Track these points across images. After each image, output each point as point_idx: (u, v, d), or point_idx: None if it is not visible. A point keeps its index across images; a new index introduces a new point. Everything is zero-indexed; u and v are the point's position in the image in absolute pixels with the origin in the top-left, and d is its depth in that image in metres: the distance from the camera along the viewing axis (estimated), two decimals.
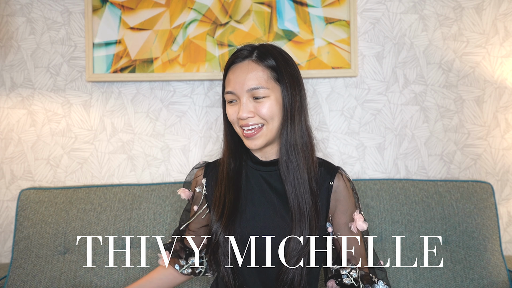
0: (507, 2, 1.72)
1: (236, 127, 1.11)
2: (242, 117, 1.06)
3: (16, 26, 1.74)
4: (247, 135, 1.08)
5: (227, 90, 1.09)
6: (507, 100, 1.73)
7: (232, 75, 1.09)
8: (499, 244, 1.53)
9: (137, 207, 1.57)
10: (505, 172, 1.74)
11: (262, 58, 1.09)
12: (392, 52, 1.73)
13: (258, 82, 1.07)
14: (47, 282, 1.48)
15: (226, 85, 1.11)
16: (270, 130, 1.08)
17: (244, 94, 1.07)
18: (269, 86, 1.07)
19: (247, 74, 1.07)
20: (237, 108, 1.08)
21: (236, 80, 1.08)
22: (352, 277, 1.09)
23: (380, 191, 1.58)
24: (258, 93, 1.06)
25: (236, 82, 1.08)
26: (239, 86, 1.07)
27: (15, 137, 1.74)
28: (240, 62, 1.10)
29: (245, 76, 1.07)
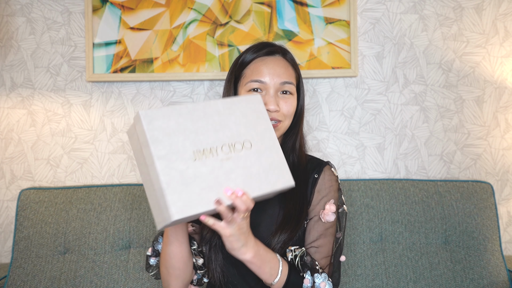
0: (507, 2, 1.72)
1: None
2: (270, 109, 1.08)
3: (16, 26, 1.74)
4: None
5: (256, 79, 1.10)
6: (507, 100, 1.73)
7: (263, 65, 1.12)
8: (499, 244, 1.53)
9: (137, 207, 1.57)
10: (505, 172, 1.74)
11: (289, 56, 1.17)
12: (392, 52, 1.73)
13: (291, 77, 1.13)
14: (47, 282, 1.48)
15: (252, 73, 1.12)
16: (284, 127, 1.13)
17: (276, 86, 1.10)
18: (295, 85, 1.14)
19: (282, 68, 1.12)
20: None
21: (270, 71, 1.11)
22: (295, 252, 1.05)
23: (380, 191, 1.58)
24: (288, 88, 1.11)
25: (269, 73, 1.10)
26: (273, 77, 1.10)
27: (15, 137, 1.74)
28: (271, 55, 1.14)
29: (280, 69, 1.11)
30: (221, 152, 0.89)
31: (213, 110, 0.91)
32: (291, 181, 0.94)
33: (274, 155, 0.94)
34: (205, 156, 0.88)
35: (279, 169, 0.94)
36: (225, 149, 0.89)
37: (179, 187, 0.84)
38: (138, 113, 0.85)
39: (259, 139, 0.93)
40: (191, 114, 0.89)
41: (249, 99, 0.95)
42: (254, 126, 0.93)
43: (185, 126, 0.87)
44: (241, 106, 0.93)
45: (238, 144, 0.91)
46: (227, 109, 0.92)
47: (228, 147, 0.90)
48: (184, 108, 0.88)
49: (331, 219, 1.10)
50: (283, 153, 1.13)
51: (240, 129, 0.92)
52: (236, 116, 0.92)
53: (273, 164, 0.93)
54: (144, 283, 1.49)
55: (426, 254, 1.50)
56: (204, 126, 0.89)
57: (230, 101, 0.93)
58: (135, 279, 1.49)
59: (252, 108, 0.94)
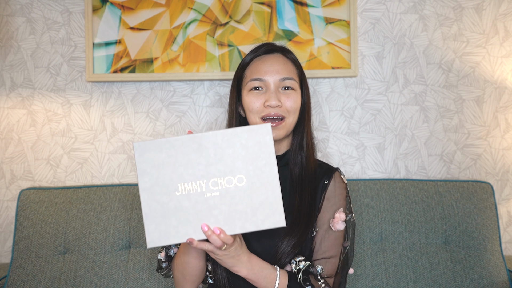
0: (507, 2, 1.72)
1: (256, 117, 1.11)
2: (272, 104, 1.08)
3: (16, 26, 1.74)
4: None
5: (255, 77, 1.11)
6: (507, 100, 1.73)
7: (262, 64, 1.12)
8: (499, 244, 1.53)
9: (137, 207, 1.57)
10: (505, 172, 1.74)
11: (290, 54, 1.17)
12: (392, 52, 1.73)
13: (291, 73, 1.13)
14: (47, 282, 1.48)
15: (251, 73, 1.13)
16: (290, 124, 1.12)
17: (276, 83, 1.10)
18: (297, 81, 1.14)
19: (281, 64, 1.12)
20: (263, 96, 1.11)
21: (269, 68, 1.11)
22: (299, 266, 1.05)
23: (380, 191, 1.58)
24: (289, 83, 1.11)
25: (268, 71, 1.11)
26: (272, 74, 1.10)
27: (15, 137, 1.74)
28: (270, 54, 1.15)
29: (279, 66, 1.12)
30: (208, 187, 0.88)
31: (210, 142, 0.89)
32: (282, 222, 0.90)
33: (269, 192, 0.89)
34: (191, 190, 0.88)
35: (271, 207, 0.90)
36: (213, 184, 0.88)
37: (157, 219, 0.88)
38: (133, 144, 0.89)
39: (256, 174, 0.89)
40: (185, 146, 0.88)
41: (256, 129, 0.90)
42: (253, 160, 0.89)
43: (175, 159, 0.88)
44: (243, 137, 0.89)
45: (230, 179, 0.89)
46: (226, 141, 0.89)
47: (217, 182, 0.88)
48: (179, 140, 0.88)
49: (341, 228, 1.09)
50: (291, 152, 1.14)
51: (236, 163, 0.89)
52: (235, 149, 0.89)
53: (266, 201, 0.89)
54: (144, 283, 1.49)
55: (426, 254, 1.50)
56: (196, 159, 0.88)
57: (231, 132, 0.89)
58: (135, 279, 1.49)
59: (256, 139, 0.89)
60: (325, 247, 1.09)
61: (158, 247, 0.88)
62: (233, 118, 1.17)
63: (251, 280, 1.00)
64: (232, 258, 0.95)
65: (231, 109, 1.18)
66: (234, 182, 0.89)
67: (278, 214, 0.90)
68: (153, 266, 1.50)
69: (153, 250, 1.53)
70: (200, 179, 0.88)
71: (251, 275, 0.98)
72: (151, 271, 1.50)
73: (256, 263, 1.00)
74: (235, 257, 0.95)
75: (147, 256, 1.52)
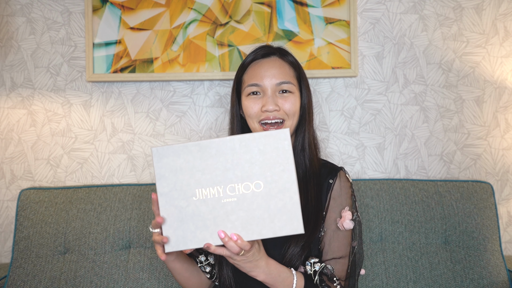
0: (507, 2, 1.72)
1: (254, 121, 1.12)
2: (269, 109, 1.08)
3: (16, 26, 1.74)
4: (268, 129, 1.10)
5: (252, 82, 1.11)
6: (507, 100, 1.73)
7: (258, 68, 1.12)
8: (499, 244, 1.53)
9: (137, 207, 1.57)
10: (505, 172, 1.74)
11: (286, 56, 1.16)
12: (392, 52, 1.73)
13: (287, 77, 1.12)
14: (47, 282, 1.48)
15: (249, 78, 1.13)
16: (290, 127, 1.12)
17: (272, 87, 1.10)
18: (294, 83, 1.13)
19: (277, 68, 1.12)
20: (260, 101, 1.11)
21: (265, 73, 1.11)
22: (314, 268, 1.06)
23: (380, 191, 1.58)
24: (286, 87, 1.11)
25: (264, 76, 1.11)
26: (268, 79, 1.10)
27: (15, 137, 1.74)
28: (266, 57, 1.15)
29: (275, 70, 1.11)
30: (226, 193, 0.88)
31: (227, 147, 0.88)
32: (300, 229, 0.89)
33: (287, 199, 0.88)
34: (208, 195, 0.88)
35: (289, 214, 0.88)
36: (230, 189, 0.88)
37: (175, 224, 0.89)
38: (151, 149, 0.89)
39: (274, 180, 0.88)
40: (203, 151, 0.88)
41: (274, 134, 0.88)
42: (271, 165, 0.88)
43: (193, 164, 0.88)
44: (261, 142, 0.88)
45: (247, 184, 0.88)
46: (243, 147, 0.88)
47: (234, 188, 0.88)
48: (196, 145, 0.88)
49: (350, 227, 1.09)
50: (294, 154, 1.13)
51: (254, 168, 0.88)
52: (252, 155, 0.88)
53: (284, 208, 0.88)
54: (144, 283, 1.49)
55: (426, 254, 1.50)
56: (213, 164, 0.88)
57: (249, 137, 0.88)
58: (135, 279, 1.49)
59: (273, 145, 0.88)
60: (334, 247, 1.09)
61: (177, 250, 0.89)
62: (234, 121, 1.18)
63: (269, 284, 0.99)
64: (250, 263, 0.94)
65: (232, 112, 1.19)
66: (251, 188, 0.88)
67: (296, 221, 0.88)
68: (153, 266, 1.50)
69: (153, 250, 1.53)
70: (218, 184, 0.88)
71: (269, 279, 0.98)
72: (151, 271, 1.50)
73: (274, 267, 0.99)
74: (253, 261, 0.94)
75: (147, 256, 1.52)
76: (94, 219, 1.55)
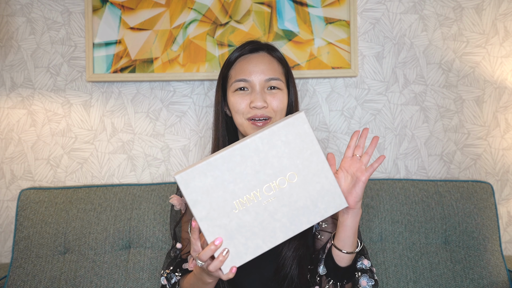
0: (507, 2, 1.72)
1: (241, 117, 1.09)
2: (257, 106, 1.06)
3: (16, 26, 1.74)
4: (256, 124, 1.07)
5: (240, 78, 1.08)
6: (507, 100, 1.73)
7: (247, 63, 1.10)
8: (499, 244, 1.53)
9: (137, 207, 1.57)
10: (505, 172, 1.74)
11: (275, 52, 1.14)
12: (392, 52, 1.73)
13: (276, 73, 1.10)
14: (47, 282, 1.48)
15: (236, 73, 1.10)
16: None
17: (261, 83, 1.08)
18: (283, 80, 1.11)
19: (266, 64, 1.10)
20: (248, 97, 1.08)
21: (254, 68, 1.08)
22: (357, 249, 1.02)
23: (380, 191, 1.58)
24: (275, 83, 1.09)
25: (253, 71, 1.08)
26: (257, 75, 1.08)
27: (15, 137, 1.74)
28: (255, 52, 1.13)
29: (264, 66, 1.09)
30: (263, 194, 0.86)
31: (251, 150, 0.85)
32: (344, 203, 0.89)
33: (323, 180, 0.88)
34: (247, 203, 0.85)
35: (330, 193, 0.88)
36: (267, 189, 0.86)
37: (224, 243, 0.85)
38: (175, 178, 0.84)
39: (305, 166, 0.87)
40: (228, 162, 0.84)
41: (292, 122, 0.86)
42: (298, 153, 0.86)
43: (223, 178, 0.84)
44: (282, 134, 0.86)
45: (282, 179, 0.86)
46: (266, 144, 0.85)
47: (270, 187, 0.86)
48: (219, 158, 0.84)
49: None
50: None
51: (283, 161, 0.86)
52: (278, 149, 0.86)
53: (323, 189, 0.88)
54: (144, 283, 1.49)
55: (426, 254, 1.50)
56: (242, 171, 0.85)
57: (269, 132, 0.85)
58: (135, 279, 1.49)
59: (295, 132, 0.86)
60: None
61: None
62: (219, 118, 1.15)
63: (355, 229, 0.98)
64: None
65: (217, 109, 1.15)
66: (286, 181, 0.87)
67: (338, 197, 0.89)
68: (153, 266, 1.50)
69: (153, 250, 1.53)
70: (253, 189, 0.85)
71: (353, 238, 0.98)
72: (151, 271, 1.50)
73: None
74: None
75: (147, 256, 1.52)
76: (94, 219, 1.55)
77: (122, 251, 1.53)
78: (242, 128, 1.10)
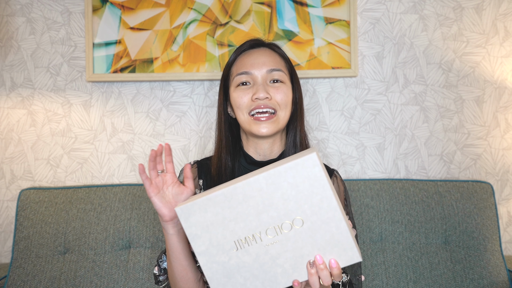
0: (507, 2, 1.72)
1: (244, 113, 1.06)
2: (260, 97, 1.03)
3: (16, 26, 1.74)
4: (259, 119, 1.04)
5: (242, 71, 1.06)
6: (507, 100, 1.73)
7: (248, 57, 1.08)
8: (499, 244, 1.53)
9: (137, 207, 1.57)
10: (505, 172, 1.74)
11: (277, 48, 1.12)
12: (392, 52, 1.73)
13: (279, 65, 1.08)
14: (47, 282, 1.48)
15: (238, 68, 1.08)
16: (282, 119, 1.06)
17: (263, 75, 1.06)
18: (286, 73, 1.09)
19: (268, 56, 1.08)
20: (250, 91, 1.05)
21: (255, 61, 1.06)
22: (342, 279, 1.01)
23: (380, 191, 1.58)
24: (277, 76, 1.06)
25: (254, 63, 1.06)
26: (259, 67, 1.06)
27: (15, 137, 1.74)
28: (257, 48, 1.11)
29: (266, 58, 1.07)
30: (265, 237, 0.80)
31: (254, 189, 0.79)
32: (357, 257, 0.79)
33: (333, 229, 0.79)
34: (248, 244, 0.81)
35: (340, 244, 0.79)
36: (270, 232, 0.80)
37: (222, 280, 0.82)
38: (175, 210, 0.82)
39: (314, 212, 0.79)
40: (229, 200, 0.79)
41: (301, 163, 0.77)
42: (306, 197, 0.78)
43: (223, 216, 0.80)
44: (289, 175, 0.78)
45: (286, 223, 0.79)
46: (271, 185, 0.78)
47: (273, 230, 0.80)
48: (221, 195, 0.79)
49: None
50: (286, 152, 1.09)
51: (288, 205, 0.79)
52: (283, 191, 0.78)
53: (332, 239, 0.79)
54: (144, 283, 1.49)
55: (426, 254, 1.50)
56: (244, 210, 0.79)
57: (274, 172, 0.78)
58: (135, 279, 1.49)
59: (304, 174, 0.77)
60: None
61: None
62: (221, 120, 1.12)
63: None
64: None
65: (220, 111, 1.13)
66: (292, 226, 0.79)
67: (350, 249, 0.79)
68: (153, 266, 1.50)
69: (153, 250, 1.53)
70: (255, 230, 0.80)
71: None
72: (151, 271, 1.50)
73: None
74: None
75: (147, 256, 1.52)
76: (94, 219, 1.55)
77: (122, 251, 1.53)
78: (245, 126, 1.07)
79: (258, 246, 0.80)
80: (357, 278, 1.10)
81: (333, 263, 0.78)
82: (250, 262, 0.81)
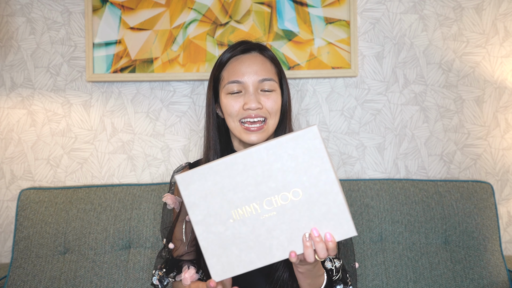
0: (507, 2, 1.72)
1: (235, 120, 1.07)
2: (251, 107, 1.04)
3: (16, 26, 1.74)
4: (250, 129, 1.05)
5: (233, 79, 1.06)
6: (507, 100, 1.73)
7: (239, 64, 1.08)
8: (499, 244, 1.53)
9: (137, 207, 1.57)
10: (505, 172, 1.74)
11: (267, 53, 1.12)
12: (392, 52, 1.73)
13: (270, 73, 1.08)
14: (47, 282, 1.48)
15: (229, 75, 1.08)
16: (271, 126, 1.08)
17: (254, 84, 1.06)
18: (276, 80, 1.09)
19: (259, 65, 1.08)
20: (241, 99, 1.06)
21: (246, 69, 1.06)
22: (335, 264, 1.03)
23: (380, 191, 1.58)
24: (268, 85, 1.07)
25: (246, 72, 1.06)
26: (250, 76, 1.06)
27: (15, 137, 1.74)
28: (247, 53, 1.10)
29: (257, 67, 1.07)
30: (263, 208, 0.81)
31: (254, 160, 0.80)
32: (352, 231, 0.81)
33: (330, 202, 0.80)
34: (245, 214, 0.81)
35: (336, 217, 0.80)
36: (267, 203, 0.81)
37: (217, 251, 0.83)
38: (175, 178, 0.82)
39: (312, 184, 0.80)
40: (229, 169, 0.80)
41: (302, 135, 0.80)
42: (305, 169, 0.80)
43: (222, 185, 0.81)
44: (290, 147, 0.79)
45: (284, 195, 0.80)
46: (271, 155, 0.79)
47: (271, 201, 0.81)
48: (221, 164, 0.80)
49: None
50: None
51: (287, 176, 0.80)
52: (283, 162, 0.80)
53: (329, 212, 0.80)
54: (144, 283, 1.49)
55: (426, 254, 1.50)
56: (243, 180, 0.80)
57: (275, 144, 0.79)
58: (135, 279, 1.49)
59: (304, 146, 0.79)
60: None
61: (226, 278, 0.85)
62: (210, 120, 1.13)
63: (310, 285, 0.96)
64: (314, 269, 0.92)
65: (209, 111, 1.13)
66: (289, 197, 0.80)
67: (346, 223, 0.80)
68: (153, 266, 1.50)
69: (153, 250, 1.53)
70: (253, 201, 0.81)
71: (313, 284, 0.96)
72: (151, 271, 1.50)
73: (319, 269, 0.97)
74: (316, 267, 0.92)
75: (147, 256, 1.52)
76: (94, 219, 1.55)
77: (122, 251, 1.53)
78: (236, 133, 1.08)
79: (255, 217, 0.81)
80: (351, 265, 1.11)
81: (329, 237, 0.80)
82: (246, 233, 0.82)
